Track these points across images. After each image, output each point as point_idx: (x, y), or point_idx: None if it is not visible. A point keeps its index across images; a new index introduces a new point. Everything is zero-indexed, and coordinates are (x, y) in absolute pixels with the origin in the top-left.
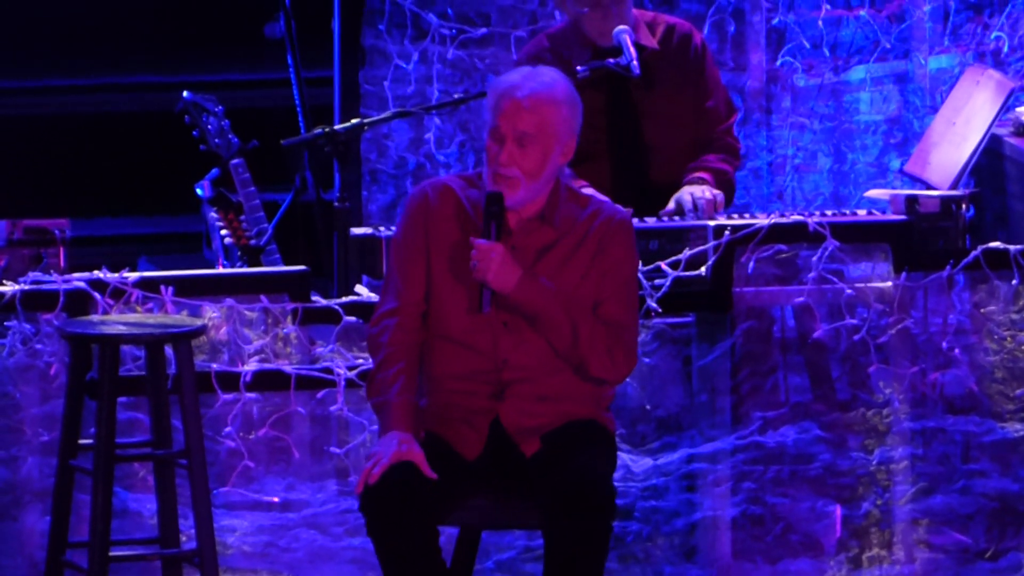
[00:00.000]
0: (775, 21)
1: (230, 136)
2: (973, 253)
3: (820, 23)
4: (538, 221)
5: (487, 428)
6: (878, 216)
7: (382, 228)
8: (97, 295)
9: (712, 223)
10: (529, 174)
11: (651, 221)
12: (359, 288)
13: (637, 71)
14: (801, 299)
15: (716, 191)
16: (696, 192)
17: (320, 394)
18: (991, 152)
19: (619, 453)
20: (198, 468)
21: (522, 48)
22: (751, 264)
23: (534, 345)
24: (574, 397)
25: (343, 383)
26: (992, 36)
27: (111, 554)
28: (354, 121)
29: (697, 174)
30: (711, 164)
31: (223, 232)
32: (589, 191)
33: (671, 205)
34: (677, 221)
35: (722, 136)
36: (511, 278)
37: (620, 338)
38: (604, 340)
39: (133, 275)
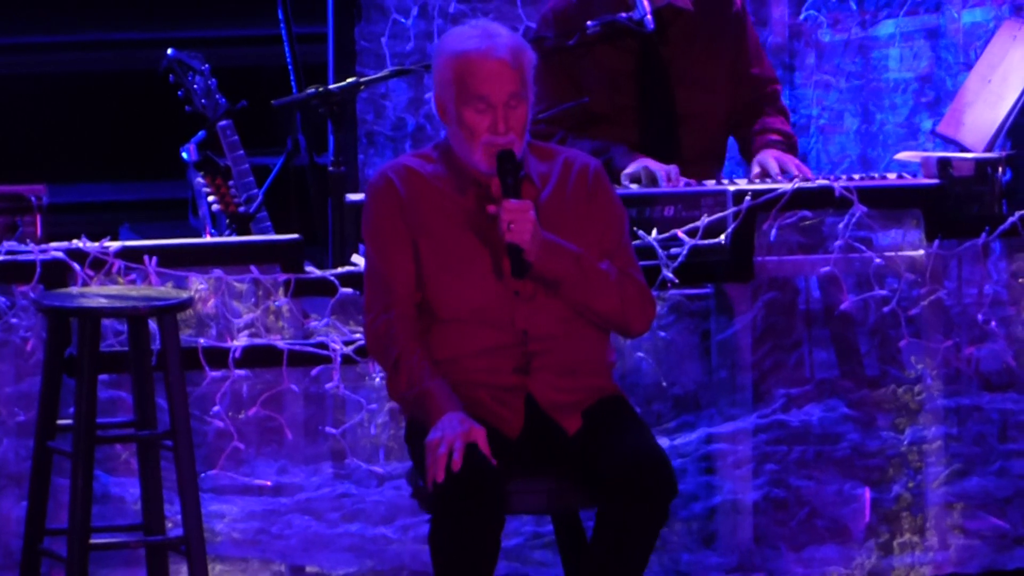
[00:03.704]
0: None
1: (217, 96)
2: (1010, 219)
3: None
4: None
5: (522, 404)
6: (909, 180)
7: None
8: (76, 266)
9: (743, 186)
10: (521, 133)
11: (666, 185)
12: (355, 258)
13: (651, 26)
14: (827, 269)
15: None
16: (786, 161)
17: (314, 371)
18: None
19: None
20: (184, 450)
21: (546, 2)
22: (773, 231)
23: (552, 312)
24: (596, 368)
25: (339, 359)
26: None
27: (92, 542)
28: (350, 80)
29: (768, 136)
30: (778, 127)
31: (210, 198)
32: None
33: (755, 168)
34: (695, 186)
35: (774, 99)
36: (539, 239)
37: (642, 286)
38: (634, 292)
39: (114, 244)
